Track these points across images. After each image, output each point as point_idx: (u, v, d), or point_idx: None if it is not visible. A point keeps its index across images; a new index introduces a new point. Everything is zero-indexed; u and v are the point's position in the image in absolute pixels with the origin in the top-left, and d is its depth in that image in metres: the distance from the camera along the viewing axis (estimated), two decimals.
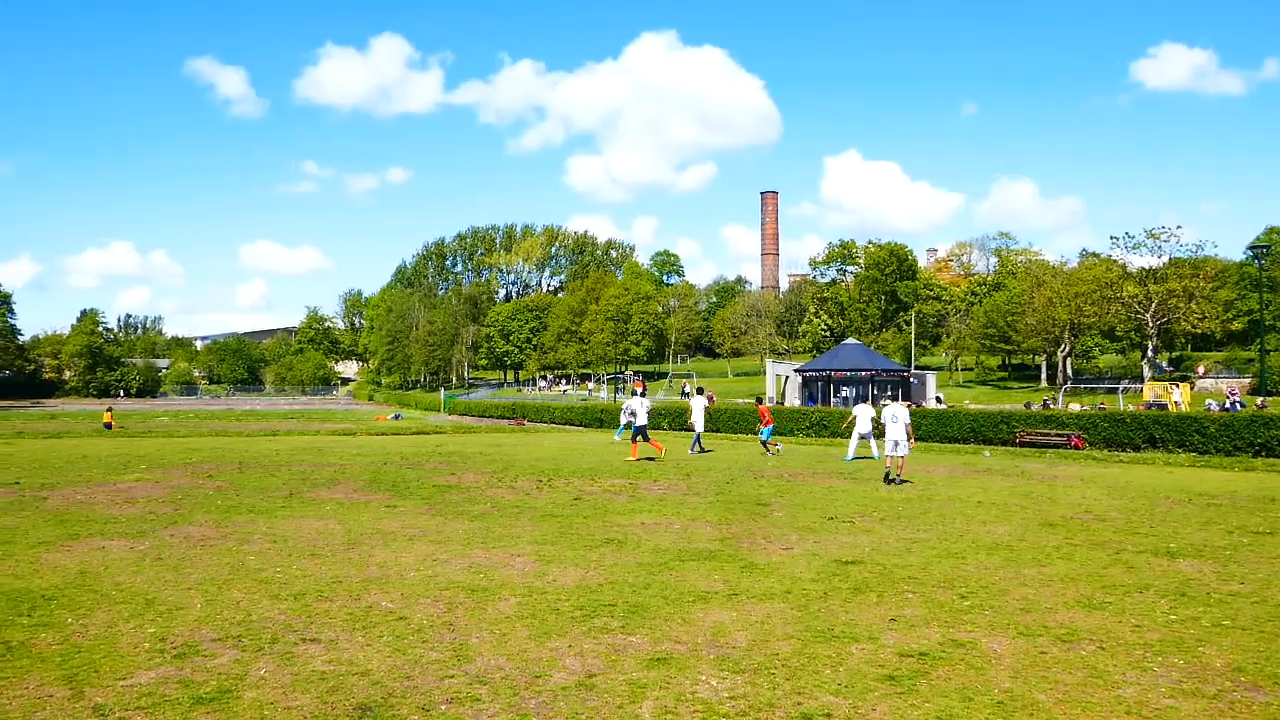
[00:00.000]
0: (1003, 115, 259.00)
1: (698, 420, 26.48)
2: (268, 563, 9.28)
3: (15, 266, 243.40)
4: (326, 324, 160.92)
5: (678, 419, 44.75)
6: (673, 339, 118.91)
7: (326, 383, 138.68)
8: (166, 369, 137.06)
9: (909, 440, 17.85)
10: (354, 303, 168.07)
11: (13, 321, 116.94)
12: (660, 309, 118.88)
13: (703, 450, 26.19)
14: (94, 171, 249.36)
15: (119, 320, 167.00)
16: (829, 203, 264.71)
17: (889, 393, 50.28)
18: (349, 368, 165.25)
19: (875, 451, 23.45)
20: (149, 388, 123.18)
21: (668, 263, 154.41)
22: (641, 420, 23.93)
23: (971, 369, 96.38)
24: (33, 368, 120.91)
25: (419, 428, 47.19)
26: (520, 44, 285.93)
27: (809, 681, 5.71)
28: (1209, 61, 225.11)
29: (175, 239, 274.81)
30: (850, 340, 61.54)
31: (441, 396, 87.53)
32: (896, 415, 17.89)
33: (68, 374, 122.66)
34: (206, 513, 12.91)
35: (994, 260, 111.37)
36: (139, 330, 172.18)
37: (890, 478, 17.62)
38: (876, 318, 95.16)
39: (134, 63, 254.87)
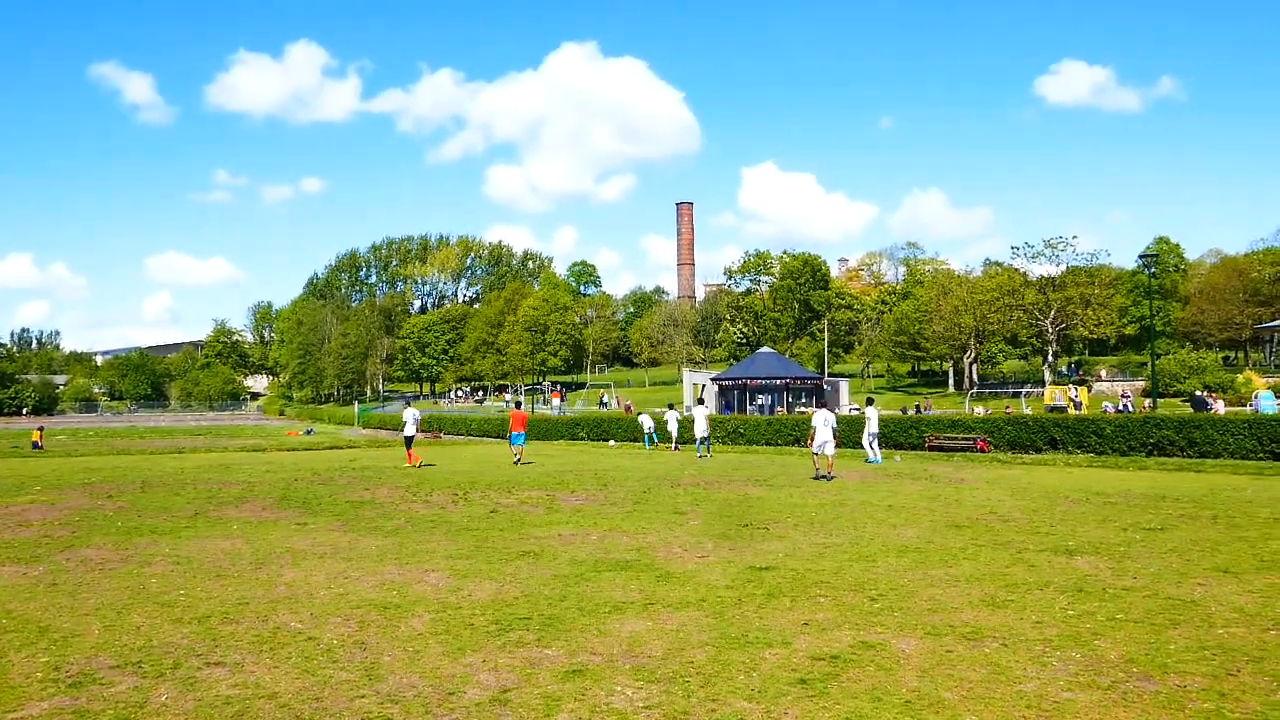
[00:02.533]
0: (914, 127, 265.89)
1: (700, 428, 29.49)
2: (171, 585, 8.96)
3: None
4: (235, 337, 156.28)
5: (595, 429, 44.82)
6: (590, 349, 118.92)
7: (235, 398, 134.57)
8: (64, 386, 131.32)
9: (834, 440, 20.24)
10: (264, 315, 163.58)
11: None
12: (578, 319, 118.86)
13: (708, 455, 29.07)
14: None
15: (12, 335, 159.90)
16: (747, 213, 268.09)
17: (803, 399, 51.18)
18: (259, 382, 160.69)
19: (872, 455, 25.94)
20: (45, 405, 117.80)
21: (585, 273, 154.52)
22: (409, 431, 25.54)
23: (883, 375, 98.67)
24: None
25: (332, 443, 46.22)
26: (440, 53, 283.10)
27: (723, 688, 5.77)
28: (1108, 78, 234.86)
29: (77, 251, 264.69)
30: (765, 349, 62.36)
31: (356, 410, 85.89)
32: (827, 419, 20.42)
33: None
34: (106, 535, 12.40)
35: (903, 270, 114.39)
36: (35, 345, 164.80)
37: (821, 475, 19.70)
38: (791, 326, 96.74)
39: (34, 66, 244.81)
